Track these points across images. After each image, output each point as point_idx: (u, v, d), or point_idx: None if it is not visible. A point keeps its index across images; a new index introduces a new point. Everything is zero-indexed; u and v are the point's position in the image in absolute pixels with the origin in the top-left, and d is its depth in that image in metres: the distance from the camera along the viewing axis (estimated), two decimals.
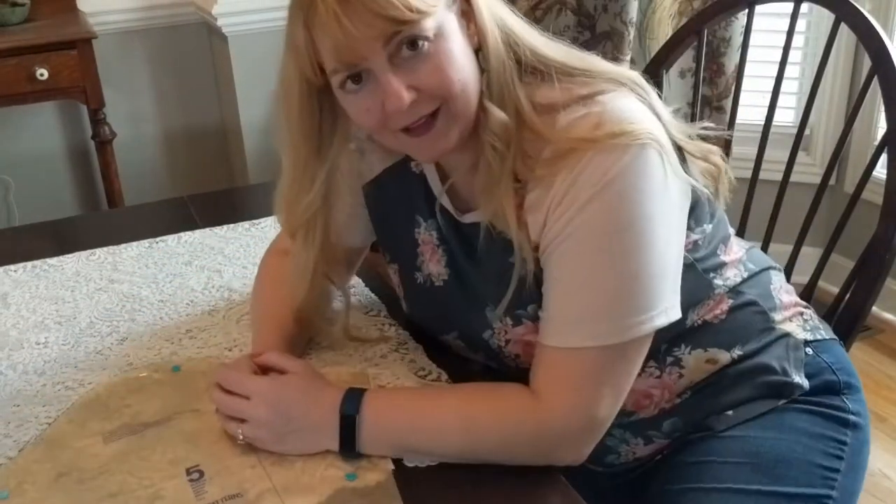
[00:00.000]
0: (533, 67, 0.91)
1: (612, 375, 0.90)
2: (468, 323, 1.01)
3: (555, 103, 0.89)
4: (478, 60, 0.89)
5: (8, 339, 1.17)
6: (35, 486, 0.88)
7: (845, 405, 1.07)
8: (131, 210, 2.15)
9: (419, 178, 1.03)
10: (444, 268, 1.02)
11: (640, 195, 0.85)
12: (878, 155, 1.24)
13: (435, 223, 1.02)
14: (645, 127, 0.87)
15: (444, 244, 1.02)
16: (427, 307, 1.07)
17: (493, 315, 0.97)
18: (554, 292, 0.90)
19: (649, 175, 0.86)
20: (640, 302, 0.87)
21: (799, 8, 1.37)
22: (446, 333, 1.06)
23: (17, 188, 2.89)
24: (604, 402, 0.90)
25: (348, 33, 0.81)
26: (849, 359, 1.13)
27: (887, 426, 2.14)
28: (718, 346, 1.02)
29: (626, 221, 0.85)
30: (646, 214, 0.86)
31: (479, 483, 0.88)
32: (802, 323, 1.10)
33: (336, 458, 0.91)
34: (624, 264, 0.86)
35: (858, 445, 1.06)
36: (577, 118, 0.88)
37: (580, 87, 0.90)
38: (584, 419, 0.89)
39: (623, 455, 1.07)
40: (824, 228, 2.35)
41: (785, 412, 1.04)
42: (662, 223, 0.88)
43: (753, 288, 1.06)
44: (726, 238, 1.05)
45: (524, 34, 0.92)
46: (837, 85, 2.57)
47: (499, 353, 1.00)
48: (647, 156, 0.86)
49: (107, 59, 2.73)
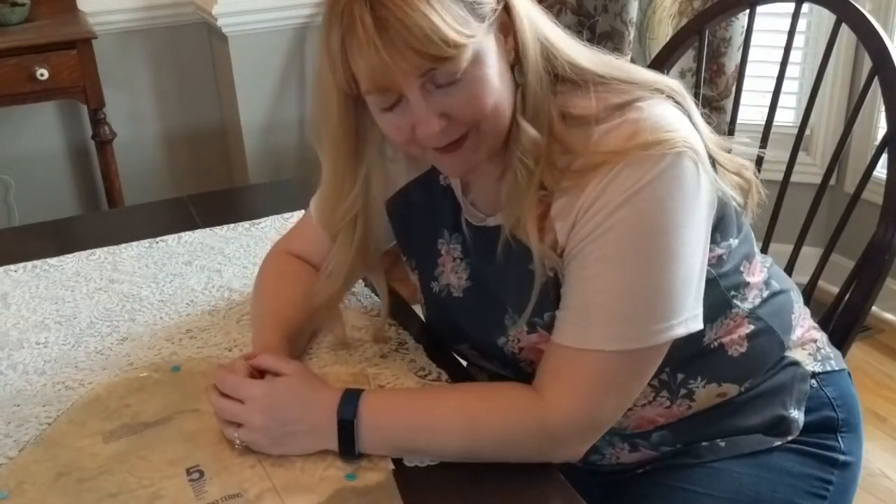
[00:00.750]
0: (569, 78, 0.90)
1: (623, 381, 0.89)
2: (486, 329, 1.00)
3: (588, 115, 0.88)
4: (513, 74, 0.89)
5: (8, 339, 1.17)
6: (35, 486, 0.88)
7: (838, 445, 1.06)
8: (131, 210, 2.15)
9: (446, 191, 1.03)
10: (465, 280, 1.02)
11: (672, 203, 0.85)
12: (878, 155, 1.24)
13: (460, 236, 1.01)
14: (682, 135, 0.86)
15: (467, 256, 1.01)
16: (442, 317, 1.07)
17: (511, 322, 0.96)
18: (576, 292, 0.89)
19: (683, 183, 0.86)
20: (663, 310, 0.86)
21: (800, 8, 1.37)
22: (460, 343, 1.06)
23: (17, 188, 2.89)
24: (608, 407, 0.90)
25: (385, 63, 0.81)
26: (854, 392, 1.12)
27: (887, 426, 2.14)
28: (733, 380, 1.02)
29: (658, 228, 0.85)
30: (677, 222, 0.85)
31: (480, 482, 0.88)
32: (814, 352, 1.10)
33: (336, 457, 0.90)
34: (651, 270, 0.85)
35: (845, 485, 1.06)
36: (611, 127, 0.87)
37: (616, 96, 0.89)
38: (586, 420, 0.89)
39: (607, 457, 1.06)
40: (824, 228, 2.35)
41: (774, 450, 1.03)
42: (691, 232, 0.87)
43: (774, 317, 1.04)
44: (751, 256, 1.03)
45: (561, 44, 0.91)
46: (838, 85, 2.57)
47: (514, 359, 0.99)
48: (682, 164, 0.85)
49: (107, 59, 2.73)
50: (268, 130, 2.93)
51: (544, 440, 0.89)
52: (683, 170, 0.85)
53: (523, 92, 0.88)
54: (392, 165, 1.01)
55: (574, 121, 0.89)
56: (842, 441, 1.07)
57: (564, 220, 0.89)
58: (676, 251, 0.86)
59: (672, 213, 0.85)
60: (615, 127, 0.87)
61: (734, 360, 1.01)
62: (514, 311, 0.95)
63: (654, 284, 0.86)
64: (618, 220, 0.85)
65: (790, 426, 1.04)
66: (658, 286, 0.86)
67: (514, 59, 0.89)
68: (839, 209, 1.31)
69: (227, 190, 2.69)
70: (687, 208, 0.86)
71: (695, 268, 0.88)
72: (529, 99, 0.88)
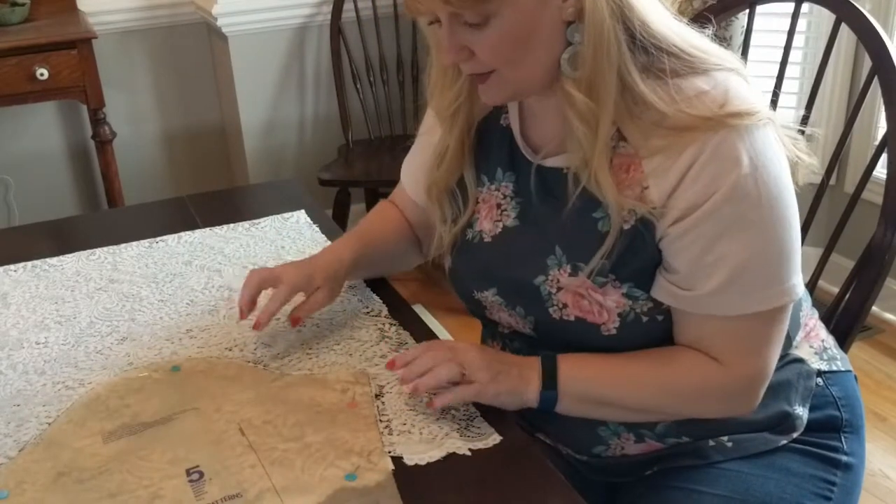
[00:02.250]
0: (646, 44, 0.91)
1: (779, 332, 0.97)
2: (524, 268, 1.01)
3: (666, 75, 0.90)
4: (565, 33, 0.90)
5: (8, 338, 1.17)
6: (35, 486, 0.88)
7: (841, 445, 1.07)
8: (131, 210, 2.14)
9: (505, 131, 1.06)
10: (512, 219, 1.04)
11: (777, 169, 0.91)
12: (878, 155, 1.24)
13: (513, 174, 1.04)
14: (766, 109, 0.91)
15: (517, 196, 1.04)
16: (470, 263, 1.08)
17: (554, 263, 0.99)
18: (714, 265, 0.92)
19: (778, 152, 0.92)
20: (794, 264, 0.94)
21: (800, 8, 1.37)
22: (485, 290, 1.06)
23: (17, 188, 2.89)
24: (772, 359, 0.97)
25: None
26: (858, 393, 1.12)
27: (887, 426, 2.14)
28: None
29: (773, 194, 0.90)
30: (783, 186, 0.92)
31: (480, 483, 0.88)
32: (820, 351, 1.10)
33: (336, 457, 0.91)
34: (780, 231, 0.92)
35: (849, 486, 1.06)
36: (698, 94, 0.90)
37: (695, 63, 0.92)
38: (763, 377, 0.97)
39: (612, 448, 1.06)
40: (824, 228, 2.35)
41: (778, 450, 1.04)
42: (792, 193, 0.93)
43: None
44: None
45: (641, 8, 0.90)
46: (838, 85, 2.57)
47: (547, 300, 1.00)
48: (772, 135, 0.92)
49: (107, 59, 2.73)
50: (268, 130, 2.93)
51: (732, 401, 0.98)
52: (771, 137, 0.92)
53: (576, 53, 0.90)
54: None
55: (654, 79, 0.91)
56: (845, 442, 1.07)
57: (661, 178, 0.91)
58: (791, 213, 0.93)
59: (778, 178, 0.91)
60: (702, 93, 0.90)
61: None
62: (563, 252, 0.98)
63: (785, 243, 0.92)
64: (732, 190, 0.89)
65: (794, 423, 1.05)
66: (786, 244, 0.92)
67: (572, 16, 0.89)
68: (839, 209, 1.31)
69: (227, 190, 2.69)
70: (785, 175, 0.92)
71: (798, 223, 0.95)
72: (583, 60, 0.89)
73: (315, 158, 2.95)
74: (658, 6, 0.93)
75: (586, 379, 0.98)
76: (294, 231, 1.45)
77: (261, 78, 2.85)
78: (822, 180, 1.35)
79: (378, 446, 0.92)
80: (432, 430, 0.95)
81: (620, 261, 0.94)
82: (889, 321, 2.56)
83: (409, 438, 0.94)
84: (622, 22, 0.89)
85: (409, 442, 0.93)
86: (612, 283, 0.95)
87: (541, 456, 0.93)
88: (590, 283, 0.96)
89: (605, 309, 0.96)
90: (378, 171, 2.76)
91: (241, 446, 0.92)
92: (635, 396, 0.98)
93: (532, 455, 0.92)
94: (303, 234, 1.44)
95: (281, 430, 0.95)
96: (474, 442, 0.93)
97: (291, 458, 0.91)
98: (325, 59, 2.93)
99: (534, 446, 0.95)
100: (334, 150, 2.94)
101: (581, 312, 0.98)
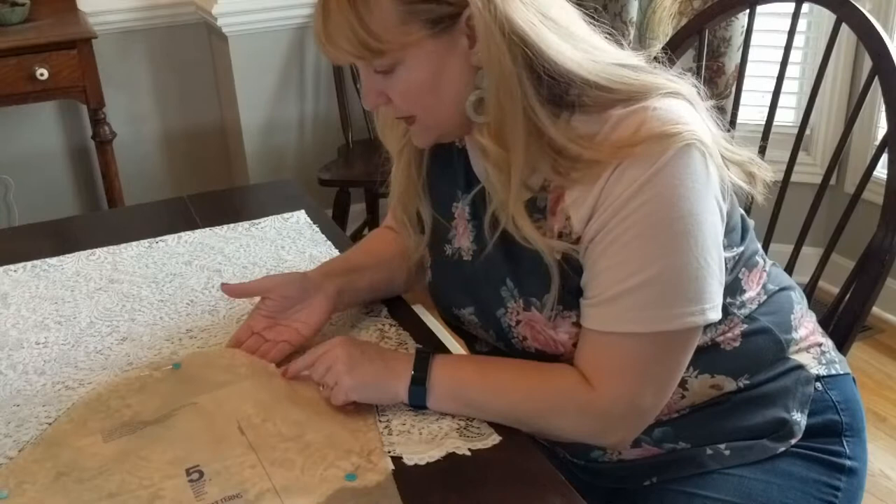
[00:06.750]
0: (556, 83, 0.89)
1: (657, 365, 0.92)
2: (487, 297, 1.02)
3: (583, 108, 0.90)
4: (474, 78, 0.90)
5: (8, 339, 1.17)
6: (35, 486, 0.88)
7: (843, 449, 1.06)
8: (131, 210, 2.14)
9: (461, 152, 1.06)
10: (472, 243, 1.04)
11: (684, 190, 0.87)
12: (878, 155, 1.24)
13: (469, 198, 1.04)
14: (689, 128, 0.88)
15: (474, 219, 1.04)
16: (450, 280, 1.08)
17: (507, 294, 0.99)
18: (603, 278, 0.91)
19: (693, 171, 0.88)
20: (689, 293, 0.89)
21: (800, 8, 1.37)
22: (464, 308, 1.07)
23: (17, 188, 2.89)
24: (647, 392, 0.92)
25: (324, 45, 0.91)
26: (858, 397, 1.12)
27: (887, 426, 2.14)
28: (727, 373, 1.02)
29: (673, 214, 0.87)
30: (690, 208, 0.88)
31: (480, 483, 0.88)
32: (819, 356, 1.09)
33: (336, 458, 0.91)
34: (674, 255, 0.88)
35: (853, 491, 1.06)
36: (614, 125, 0.89)
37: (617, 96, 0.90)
38: (626, 406, 0.92)
39: (608, 452, 1.06)
40: (824, 228, 2.35)
41: (780, 455, 1.04)
42: (705, 219, 0.89)
43: (770, 315, 1.05)
44: (752, 265, 1.04)
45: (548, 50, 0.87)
46: (838, 85, 2.57)
47: (508, 332, 1.01)
48: (691, 154, 0.87)
49: (107, 59, 2.73)
50: (268, 130, 2.93)
51: (589, 421, 0.94)
52: (693, 159, 0.88)
53: (485, 100, 0.90)
54: None
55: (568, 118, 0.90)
56: (846, 446, 1.07)
57: (580, 209, 0.91)
58: (696, 237, 0.88)
59: (685, 199, 0.87)
60: (622, 119, 0.89)
61: (727, 353, 1.02)
62: (514, 285, 0.98)
63: (679, 268, 0.88)
64: (634, 208, 0.87)
65: (792, 429, 1.04)
66: (682, 270, 0.88)
67: (480, 62, 0.88)
68: (839, 209, 1.30)
69: (227, 190, 2.69)
70: (699, 196, 0.88)
71: (712, 254, 0.90)
72: (487, 106, 0.90)
73: (315, 158, 2.95)
74: (572, 44, 0.90)
75: (458, 379, 0.97)
76: (294, 231, 1.45)
77: (261, 78, 2.85)
78: (822, 180, 1.35)
79: (378, 446, 0.92)
80: (432, 430, 0.95)
81: (563, 290, 0.94)
82: (889, 321, 2.56)
83: (409, 438, 0.94)
84: (526, 67, 0.87)
85: (408, 442, 0.93)
86: (561, 315, 0.95)
87: (541, 456, 0.93)
88: (541, 318, 0.96)
89: (559, 342, 0.97)
90: (378, 171, 2.75)
91: (242, 446, 0.92)
92: (501, 403, 0.96)
93: (532, 455, 0.92)
94: (303, 234, 1.44)
95: (281, 430, 0.95)
96: (474, 442, 0.93)
97: (291, 458, 0.91)
98: (325, 60, 2.93)
99: (533, 446, 0.95)
100: (334, 150, 2.94)
101: (540, 345, 0.99)
